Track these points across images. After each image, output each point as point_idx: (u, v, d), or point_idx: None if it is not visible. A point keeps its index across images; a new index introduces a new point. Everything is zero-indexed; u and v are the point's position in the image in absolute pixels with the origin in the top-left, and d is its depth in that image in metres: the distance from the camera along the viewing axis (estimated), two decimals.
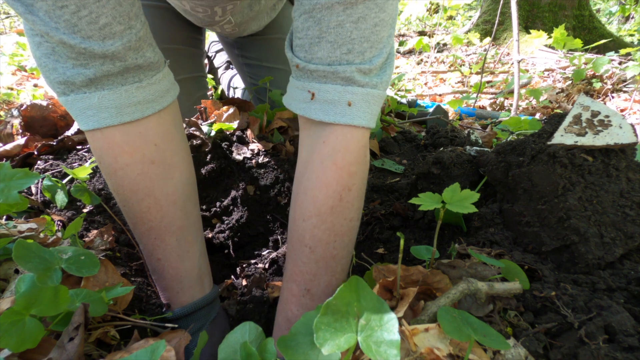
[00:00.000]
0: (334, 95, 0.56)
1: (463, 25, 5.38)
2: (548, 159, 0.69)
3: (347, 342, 0.38)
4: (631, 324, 0.50)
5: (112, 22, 0.52)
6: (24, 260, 0.52)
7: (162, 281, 0.71)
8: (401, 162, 1.22)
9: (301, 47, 0.56)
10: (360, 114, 0.57)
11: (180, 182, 0.68)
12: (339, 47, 0.54)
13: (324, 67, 0.55)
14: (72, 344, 0.48)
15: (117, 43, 0.53)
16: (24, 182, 0.56)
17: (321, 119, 0.58)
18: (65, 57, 0.53)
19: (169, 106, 0.65)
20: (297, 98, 0.60)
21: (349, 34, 0.53)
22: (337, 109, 0.57)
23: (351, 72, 0.55)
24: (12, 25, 4.22)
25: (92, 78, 0.54)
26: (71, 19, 0.50)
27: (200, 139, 1.07)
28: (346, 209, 0.61)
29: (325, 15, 0.52)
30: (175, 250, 0.69)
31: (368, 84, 0.56)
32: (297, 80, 0.60)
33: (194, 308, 0.72)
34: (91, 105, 0.56)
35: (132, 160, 0.60)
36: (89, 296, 0.54)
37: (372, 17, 0.53)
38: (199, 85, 1.42)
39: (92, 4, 0.50)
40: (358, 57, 0.55)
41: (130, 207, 0.65)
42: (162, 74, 0.62)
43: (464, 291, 0.53)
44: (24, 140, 1.04)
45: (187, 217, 0.70)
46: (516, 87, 2.04)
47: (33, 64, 2.41)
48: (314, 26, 0.54)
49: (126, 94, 0.57)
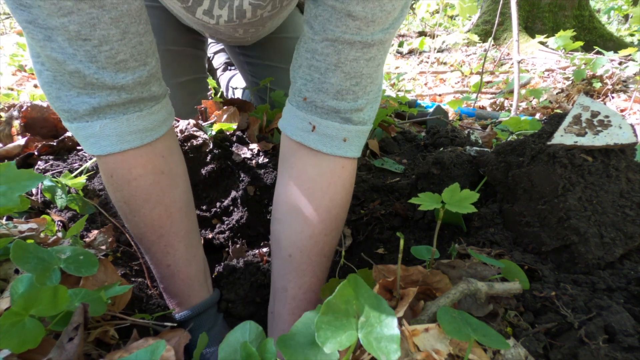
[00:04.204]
0: (333, 131, 0.65)
1: (463, 25, 5.39)
2: (548, 159, 0.69)
3: (348, 340, 0.39)
4: (631, 324, 0.50)
5: (129, 59, 0.55)
6: (22, 261, 0.52)
7: (172, 287, 0.74)
8: (401, 162, 1.22)
9: (317, 69, 0.62)
10: (353, 147, 0.67)
11: (184, 191, 0.73)
12: (350, 79, 0.62)
13: (331, 100, 0.63)
14: (71, 344, 0.48)
15: (128, 77, 0.56)
16: (28, 184, 0.55)
17: (320, 149, 0.66)
18: (69, 86, 0.55)
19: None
20: (296, 126, 0.67)
21: (361, 69, 0.61)
22: (334, 143, 0.65)
23: (350, 112, 0.64)
24: (12, 25, 4.22)
25: (95, 107, 0.56)
26: (92, 50, 0.52)
27: (201, 139, 1.07)
28: (337, 227, 0.73)
29: (346, 48, 0.60)
30: (184, 255, 0.73)
31: (360, 122, 0.66)
32: (298, 110, 0.66)
33: (204, 308, 0.76)
34: (93, 134, 0.58)
35: (145, 171, 0.64)
36: (88, 296, 0.54)
37: (379, 57, 0.62)
38: (201, 87, 1.42)
39: (115, 42, 0.53)
40: (361, 90, 0.63)
41: (141, 217, 0.67)
42: (160, 104, 0.64)
43: (463, 291, 0.53)
44: (24, 141, 1.04)
45: (191, 222, 0.75)
46: (516, 87, 2.04)
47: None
48: (334, 54, 0.60)
49: (127, 122, 0.59)
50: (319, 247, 0.71)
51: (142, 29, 0.56)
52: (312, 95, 0.64)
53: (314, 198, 0.68)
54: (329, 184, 0.68)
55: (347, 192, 0.72)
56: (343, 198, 0.71)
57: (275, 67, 1.42)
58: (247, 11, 0.88)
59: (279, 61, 1.42)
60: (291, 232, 0.70)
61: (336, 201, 0.69)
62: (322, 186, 0.68)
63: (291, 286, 0.72)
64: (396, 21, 0.61)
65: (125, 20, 0.53)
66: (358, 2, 0.56)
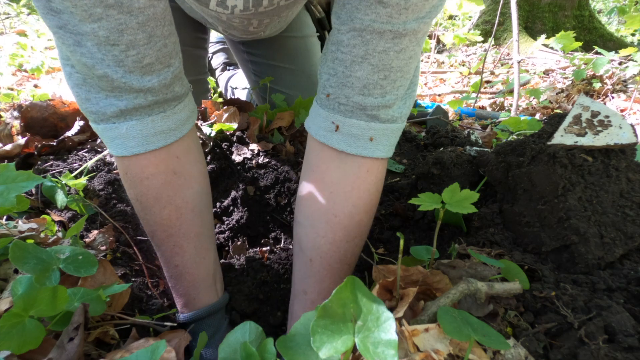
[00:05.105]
0: (358, 131, 0.60)
1: (463, 25, 5.39)
2: (548, 160, 0.69)
3: (344, 345, 0.38)
4: (631, 324, 0.50)
5: (154, 62, 0.56)
6: (21, 261, 0.52)
7: (179, 287, 0.74)
8: (401, 162, 1.22)
9: (342, 62, 0.58)
10: (380, 147, 0.62)
11: (198, 192, 0.71)
12: (378, 72, 0.57)
13: (356, 96, 0.58)
14: (71, 344, 0.48)
15: (154, 80, 0.57)
16: (25, 185, 0.56)
17: (344, 149, 0.62)
18: (97, 88, 0.56)
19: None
20: (319, 125, 0.64)
21: (390, 61, 0.56)
22: (359, 143, 0.61)
23: (377, 109, 0.59)
24: (12, 25, 4.22)
25: (122, 109, 0.57)
26: (119, 55, 0.53)
27: (201, 139, 1.07)
28: (361, 234, 0.70)
29: (375, 38, 0.55)
30: (192, 257, 0.72)
31: (389, 120, 0.61)
32: (322, 109, 0.63)
33: (209, 312, 0.75)
34: (120, 135, 0.59)
35: (157, 170, 0.64)
36: (87, 295, 0.54)
37: (411, 49, 0.57)
38: (203, 87, 1.42)
39: (141, 46, 0.53)
40: (390, 85, 0.58)
41: (151, 215, 0.67)
42: (183, 103, 0.65)
43: (463, 291, 0.53)
44: (24, 141, 1.04)
45: (203, 225, 0.74)
46: (516, 87, 2.04)
47: (33, 65, 2.41)
48: (361, 45, 0.56)
49: (152, 123, 0.60)
50: (340, 253, 0.68)
51: (166, 30, 0.57)
52: (335, 91, 0.60)
53: (336, 203, 0.65)
54: (352, 188, 0.64)
55: (373, 197, 0.68)
56: (367, 203, 0.67)
57: (279, 66, 1.41)
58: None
59: (283, 60, 1.41)
60: (312, 236, 0.68)
61: (360, 207, 0.66)
62: (345, 190, 0.64)
63: (310, 290, 0.71)
64: (434, 9, 0.55)
65: (151, 24, 0.53)
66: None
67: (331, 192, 0.65)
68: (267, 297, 0.91)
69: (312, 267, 0.69)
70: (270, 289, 0.91)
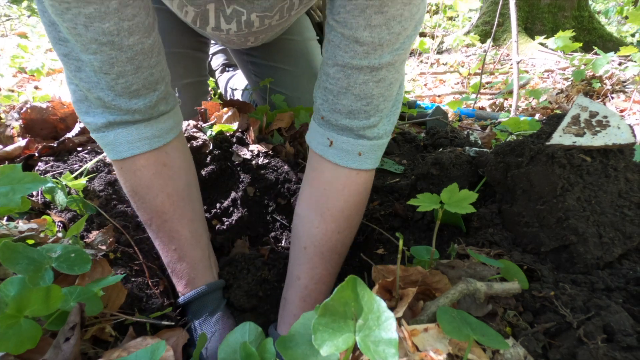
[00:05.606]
0: (348, 146, 0.70)
1: (463, 26, 5.39)
2: (547, 160, 0.69)
3: (345, 343, 0.38)
4: (630, 323, 0.50)
5: (141, 88, 0.65)
6: (12, 262, 0.51)
7: (179, 270, 0.81)
8: (401, 163, 1.22)
9: (330, 91, 0.67)
10: (368, 160, 0.72)
11: (187, 184, 0.80)
12: (360, 100, 0.65)
13: (344, 120, 0.68)
14: (68, 343, 0.48)
15: (140, 102, 0.66)
16: (30, 186, 0.56)
17: (337, 162, 0.71)
18: (96, 105, 0.66)
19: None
20: (317, 140, 0.73)
21: (371, 90, 0.64)
22: (350, 157, 0.70)
23: (363, 130, 0.68)
24: (13, 27, 4.22)
25: (111, 122, 0.67)
26: (110, 82, 0.62)
27: (201, 140, 1.07)
28: (350, 227, 0.79)
29: (355, 73, 0.63)
30: (188, 240, 0.80)
31: (375, 137, 0.70)
32: (319, 127, 0.72)
33: (210, 289, 0.82)
34: (109, 142, 0.69)
35: (148, 162, 0.73)
36: (83, 293, 0.54)
37: (390, 77, 0.64)
38: (203, 89, 1.43)
39: (129, 75, 0.63)
40: (373, 109, 0.66)
41: (147, 203, 0.75)
42: (168, 115, 0.73)
43: (463, 291, 0.53)
44: (24, 142, 1.04)
45: (195, 213, 0.82)
46: (515, 87, 2.04)
47: (33, 66, 2.42)
48: (344, 79, 0.64)
49: (136, 130, 0.69)
50: (331, 243, 0.77)
51: (153, 61, 0.65)
52: (327, 115, 0.69)
53: (329, 198, 0.74)
54: (343, 187, 0.73)
55: (362, 197, 0.77)
56: (357, 201, 0.76)
57: (278, 68, 1.41)
58: (255, 22, 0.91)
59: (282, 62, 1.41)
60: (307, 227, 0.78)
61: (349, 203, 0.75)
62: (337, 188, 0.74)
63: (304, 276, 0.79)
64: (407, 40, 0.62)
65: (139, 57, 0.62)
66: (365, 28, 0.58)
67: (325, 189, 0.74)
68: (267, 295, 0.91)
69: (306, 254, 0.78)
70: (271, 287, 0.92)
